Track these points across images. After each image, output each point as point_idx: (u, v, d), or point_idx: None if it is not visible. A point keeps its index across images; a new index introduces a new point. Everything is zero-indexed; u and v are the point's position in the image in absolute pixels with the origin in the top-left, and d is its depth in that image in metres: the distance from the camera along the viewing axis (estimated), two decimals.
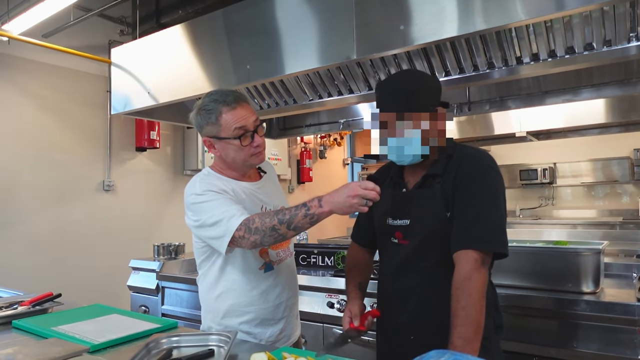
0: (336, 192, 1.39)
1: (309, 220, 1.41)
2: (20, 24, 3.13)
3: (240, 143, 1.58)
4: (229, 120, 1.57)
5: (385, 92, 1.47)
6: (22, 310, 1.80)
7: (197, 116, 1.62)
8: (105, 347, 1.41)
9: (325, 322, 2.38)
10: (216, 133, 1.60)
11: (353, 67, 2.29)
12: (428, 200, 1.43)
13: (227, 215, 1.47)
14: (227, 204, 1.51)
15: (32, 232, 3.96)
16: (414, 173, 1.51)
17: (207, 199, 1.53)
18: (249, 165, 1.67)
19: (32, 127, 4.01)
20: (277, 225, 1.42)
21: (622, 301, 1.71)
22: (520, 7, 1.63)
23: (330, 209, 1.38)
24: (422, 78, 1.50)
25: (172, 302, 3.03)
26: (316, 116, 3.73)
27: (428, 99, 1.43)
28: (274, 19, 2.29)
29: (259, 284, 1.64)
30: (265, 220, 1.43)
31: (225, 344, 1.39)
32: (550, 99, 2.69)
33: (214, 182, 1.60)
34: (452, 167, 1.42)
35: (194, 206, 1.57)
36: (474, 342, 1.25)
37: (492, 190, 1.39)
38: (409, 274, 1.45)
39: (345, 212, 1.38)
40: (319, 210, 1.39)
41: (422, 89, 1.44)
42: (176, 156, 5.16)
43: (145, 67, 2.94)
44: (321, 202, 1.39)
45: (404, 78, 1.52)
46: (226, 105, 1.57)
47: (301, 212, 1.41)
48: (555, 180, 6.52)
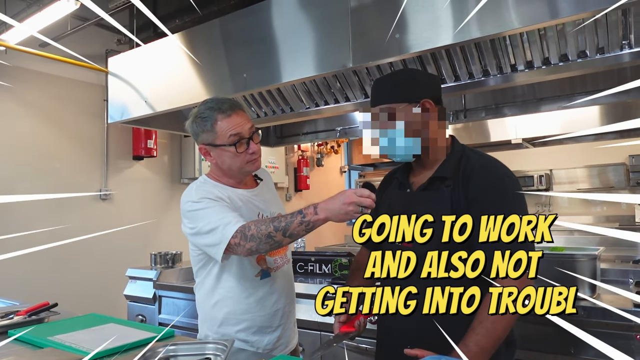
0: (332, 199, 1.39)
1: (305, 228, 1.41)
2: (17, 34, 3.14)
3: (235, 150, 1.58)
4: (224, 128, 1.57)
5: (373, 88, 1.49)
6: (18, 320, 1.79)
7: (193, 124, 1.62)
8: (101, 357, 1.40)
9: (322, 330, 2.36)
10: (212, 140, 1.60)
11: (349, 75, 2.30)
12: (434, 203, 1.39)
13: (223, 223, 1.47)
14: (223, 212, 1.51)
15: (29, 242, 3.93)
16: (420, 174, 1.48)
17: (203, 207, 1.53)
18: (244, 173, 1.67)
19: (29, 136, 4.00)
20: (272, 233, 1.42)
21: (619, 307, 1.72)
22: (514, 16, 1.65)
23: (326, 217, 1.39)
24: (409, 72, 1.53)
25: (169, 311, 3.02)
26: (313, 124, 3.74)
27: (412, 91, 1.41)
28: (270, 27, 2.31)
29: (256, 291, 1.64)
30: (261, 228, 1.43)
31: (222, 352, 1.38)
32: (545, 105, 2.71)
33: (211, 189, 1.60)
34: (464, 172, 1.37)
35: (190, 214, 1.57)
36: (487, 354, 1.24)
37: (516, 200, 1.34)
38: (410, 278, 1.43)
39: (340, 219, 1.38)
40: (315, 218, 1.39)
41: (407, 81, 1.44)
42: (173, 165, 5.16)
43: (142, 75, 2.95)
44: (317, 210, 1.39)
45: (393, 74, 1.55)
46: (221, 113, 1.58)
47: (297, 219, 1.41)
48: (552, 187, 6.54)
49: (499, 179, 1.36)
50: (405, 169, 1.55)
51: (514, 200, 1.33)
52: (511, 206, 1.31)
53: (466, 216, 1.20)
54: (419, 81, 1.46)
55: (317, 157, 6.84)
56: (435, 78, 1.60)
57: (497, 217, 1.22)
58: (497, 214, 1.27)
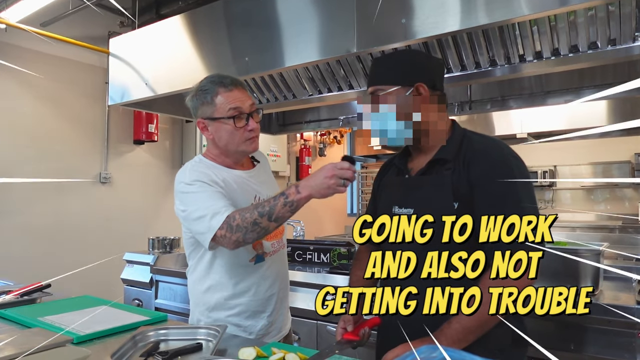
0: (312, 176, 1.39)
1: (289, 209, 1.39)
2: (18, 12, 3.09)
3: (234, 124, 1.55)
4: (224, 101, 1.55)
5: (371, 67, 1.44)
6: (9, 300, 1.77)
7: (194, 98, 1.60)
8: (90, 339, 1.38)
9: (319, 319, 2.34)
10: (210, 114, 1.57)
11: (353, 62, 2.25)
12: (434, 188, 1.34)
13: (210, 212, 1.43)
14: (214, 198, 1.47)
15: (28, 223, 3.93)
16: (418, 159, 1.43)
17: (195, 190, 1.50)
18: (241, 152, 1.63)
19: (29, 118, 3.98)
20: (258, 219, 1.39)
21: (622, 304, 1.68)
22: (524, 2, 1.60)
23: (309, 193, 1.38)
24: (408, 54, 1.45)
25: (166, 296, 3.00)
26: (316, 112, 3.70)
27: (406, 74, 1.36)
28: (274, 10, 2.26)
29: (249, 276, 1.61)
30: (245, 216, 1.40)
31: (214, 337, 1.36)
32: (552, 99, 2.66)
33: (205, 170, 1.56)
34: (466, 155, 1.32)
35: (181, 195, 1.54)
36: (470, 334, 1.19)
37: (524, 181, 1.28)
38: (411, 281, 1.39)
39: (323, 194, 1.37)
40: (298, 197, 1.38)
41: (402, 64, 1.38)
42: (174, 150, 5.13)
43: (143, 57, 2.91)
44: (299, 189, 1.39)
45: (391, 55, 1.48)
46: (223, 87, 1.56)
47: (280, 201, 1.39)
48: (555, 183, 6.49)
49: (503, 159, 1.30)
50: (403, 155, 1.50)
51: (519, 182, 1.27)
52: (516, 187, 1.25)
53: (466, 216, 1.15)
54: (416, 64, 1.40)
55: (319, 147, 6.80)
56: (436, 61, 1.51)
57: (497, 217, 1.19)
58: (503, 195, 1.24)
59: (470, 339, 1.19)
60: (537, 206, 1.29)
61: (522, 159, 1.34)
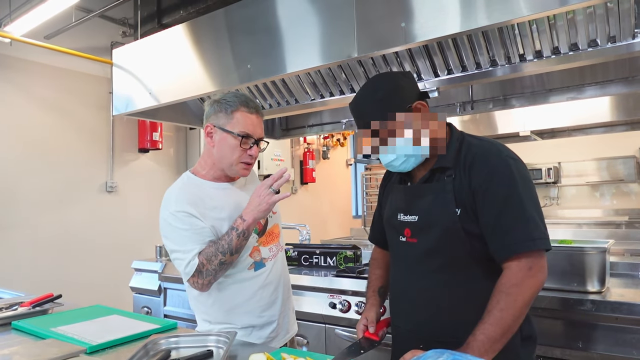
0: (249, 203, 1.56)
1: (244, 238, 1.54)
2: (22, 25, 3.13)
3: (239, 143, 1.59)
4: (241, 120, 1.60)
5: (355, 113, 1.41)
6: (22, 311, 1.79)
7: (214, 104, 1.63)
8: (103, 348, 1.40)
9: (327, 322, 2.35)
10: (223, 124, 1.60)
11: (354, 66, 2.27)
12: (436, 195, 1.35)
13: (187, 258, 1.54)
14: (192, 240, 1.55)
15: (36, 234, 3.96)
16: (421, 167, 1.43)
17: (177, 226, 1.56)
18: (233, 172, 1.67)
19: (34, 129, 4.01)
20: (222, 258, 1.52)
21: (629, 301, 1.69)
22: (523, 3, 1.61)
23: (253, 217, 1.53)
24: (384, 83, 1.39)
25: (175, 303, 3.02)
26: (319, 116, 3.71)
27: (401, 100, 1.35)
28: (274, 17, 2.28)
29: (252, 284, 1.64)
30: (211, 259, 1.52)
31: (224, 344, 1.37)
32: (555, 97, 2.66)
33: (193, 190, 1.62)
34: (465, 160, 1.32)
35: (164, 223, 1.61)
36: (496, 343, 1.18)
37: (525, 182, 1.27)
38: (417, 277, 1.39)
39: (264, 209, 1.53)
40: (245, 225, 1.53)
41: (392, 91, 1.36)
42: (179, 157, 5.16)
43: (146, 67, 2.93)
44: (243, 217, 1.54)
45: (364, 92, 1.40)
46: (246, 107, 1.61)
47: (233, 235, 1.52)
48: (560, 180, 6.47)
49: (502, 162, 1.30)
50: None
51: (521, 182, 1.27)
52: (518, 189, 1.26)
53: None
54: (404, 86, 1.38)
55: (323, 150, 6.81)
56: (410, 74, 1.47)
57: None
58: (504, 199, 1.25)
59: (497, 348, 1.18)
60: (540, 205, 1.30)
61: (524, 159, 1.35)
